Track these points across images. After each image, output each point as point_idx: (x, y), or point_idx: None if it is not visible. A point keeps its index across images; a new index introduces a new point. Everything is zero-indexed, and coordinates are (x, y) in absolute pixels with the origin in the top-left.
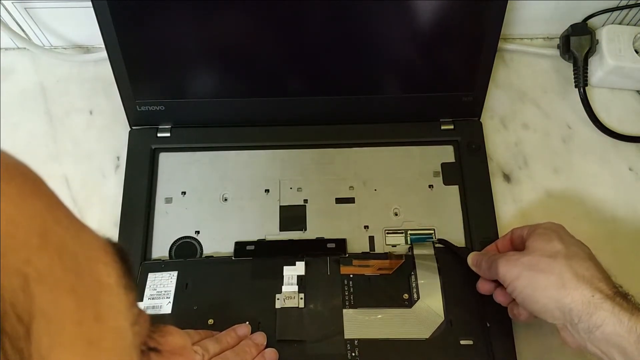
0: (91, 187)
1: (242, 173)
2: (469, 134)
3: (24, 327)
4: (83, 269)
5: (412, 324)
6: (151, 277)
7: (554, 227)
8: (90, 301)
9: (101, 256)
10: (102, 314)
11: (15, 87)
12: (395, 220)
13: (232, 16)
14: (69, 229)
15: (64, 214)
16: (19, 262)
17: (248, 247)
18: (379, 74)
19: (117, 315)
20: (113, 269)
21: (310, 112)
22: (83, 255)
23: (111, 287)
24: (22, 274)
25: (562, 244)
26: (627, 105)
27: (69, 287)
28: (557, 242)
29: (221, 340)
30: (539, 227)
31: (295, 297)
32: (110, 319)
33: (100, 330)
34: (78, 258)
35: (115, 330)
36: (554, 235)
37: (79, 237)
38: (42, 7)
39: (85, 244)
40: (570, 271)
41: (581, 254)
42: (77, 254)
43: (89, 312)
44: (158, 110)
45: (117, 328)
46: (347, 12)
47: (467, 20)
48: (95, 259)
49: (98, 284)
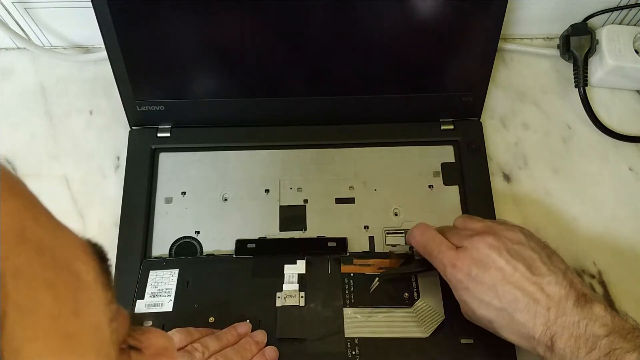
0: (91, 187)
1: (242, 173)
2: (469, 134)
3: None
4: (61, 266)
5: (413, 323)
6: (152, 274)
7: (487, 260)
8: (69, 297)
9: (79, 254)
10: (80, 309)
11: (15, 87)
12: (395, 220)
13: (232, 16)
14: (47, 227)
15: (42, 214)
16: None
17: (249, 245)
18: (379, 74)
19: (94, 311)
20: (91, 267)
21: (310, 112)
22: (61, 252)
23: (89, 284)
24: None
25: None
26: (627, 105)
27: (47, 282)
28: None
29: (221, 338)
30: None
31: (295, 295)
32: (88, 314)
33: (77, 325)
34: (56, 255)
35: (93, 326)
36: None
37: (58, 235)
38: (42, 7)
39: (63, 242)
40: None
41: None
42: (55, 252)
43: (67, 307)
44: (158, 110)
45: (95, 323)
46: (347, 12)
47: (467, 20)
48: (73, 257)
49: (76, 280)
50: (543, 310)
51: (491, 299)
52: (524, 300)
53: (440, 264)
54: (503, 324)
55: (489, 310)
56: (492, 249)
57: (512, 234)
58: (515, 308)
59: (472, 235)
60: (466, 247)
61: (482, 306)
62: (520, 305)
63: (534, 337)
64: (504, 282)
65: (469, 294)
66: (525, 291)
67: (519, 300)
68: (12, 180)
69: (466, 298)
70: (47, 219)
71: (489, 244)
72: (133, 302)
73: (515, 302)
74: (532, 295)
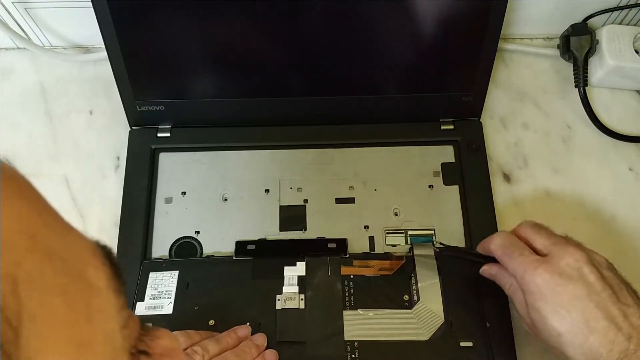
0: (91, 187)
1: (242, 173)
2: (469, 134)
3: (12, 331)
4: (73, 272)
5: (412, 326)
6: (152, 276)
7: (573, 272)
8: (81, 303)
9: (90, 259)
10: (92, 316)
11: (15, 87)
12: (395, 220)
13: (232, 16)
14: (58, 232)
15: (53, 218)
16: (8, 265)
17: (249, 246)
18: (379, 74)
19: (107, 318)
20: (103, 272)
21: (310, 112)
22: (72, 258)
23: (101, 290)
24: (12, 277)
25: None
26: (627, 105)
27: (59, 289)
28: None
29: (221, 341)
30: (559, 263)
31: (295, 298)
32: (101, 321)
33: (90, 333)
34: (68, 261)
35: (106, 333)
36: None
37: (68, 240)
38: (42, 7)
39: (74, 247)
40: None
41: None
42: (66, 257)
43: (79, 314)
44: (158, 110)
45: (108, 331)
46: (347, 12)
47: (467, 20)
48: (84, 262)
49: (88, 286)
50: (622, 339)
51: (569, 312)
52: (605, 323)
53: (520, 266)
54: (574, 341)
55: (562, 324)
56: (584, 264)
57: (602, 259)
58: (593, 328)
59: (559, 244)
60: (553, 255)
61: (556, 317)
62: (599, 326)
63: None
64: (589, 299)
65: (545, 302)
66: (609, 314)
67: (599, 320)
68: (22, 183)
69: (540, 305)
70: (57, 223)
71: (580, 257)
72: (133, 304)
73: (595, 322)
74: (615, 320)
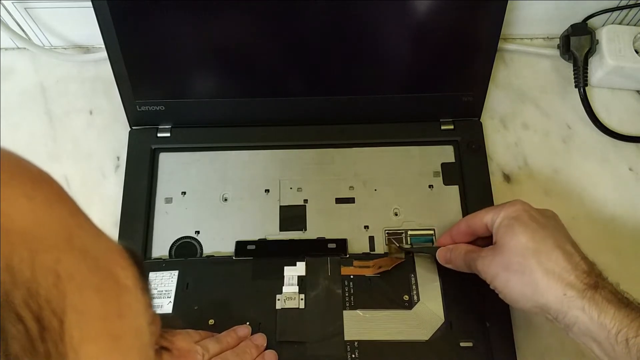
0: (91, 187)
1: (242, 173)
2: (469, 134)
3: (58, 321)
4: (104, 270)
5: (412, 326)
6: (152, 276)
7: (516, 214)
8: (113, 300)
9: (119, 259)
10: (123, 312)
11: (15, 87)
12: (395, 220)
13: (232, 16)
14: (90, 233)
15: (85, 220)
16: (51, 261)
17: (249, 246)
18: (379, 74)
19: (136, 315)
20: (131, 272)
21: (310, 112)
22: (103, 258)
23: (129, 288)
24: (54, 272)
25: (526, 236)
26: (627, 105)
27: (94, 285)
28: (522, 235)
29: (221, 341)
30: (502, 216)
31: (295, 297)
32: (131, 317)
33: (122, 327)
34: (99, 260)
35: (136, 328)
36: (518, 225)
37: (99, 241)
38: (42, 7)
39: (104, 247)
40: (540, 269)
41: (549, 244)
42: (97, 257)
43: (112, 310)
44: (158, 110)
45: (137, 326)
46: (347, 12)
47: (467, 20)
48: (114, 262)
49: (118, 284)
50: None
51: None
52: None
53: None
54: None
55: (545, 231)
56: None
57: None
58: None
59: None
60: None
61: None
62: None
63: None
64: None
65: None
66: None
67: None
68: (59, 188)
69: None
70: (88, 225)
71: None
72: None
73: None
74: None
